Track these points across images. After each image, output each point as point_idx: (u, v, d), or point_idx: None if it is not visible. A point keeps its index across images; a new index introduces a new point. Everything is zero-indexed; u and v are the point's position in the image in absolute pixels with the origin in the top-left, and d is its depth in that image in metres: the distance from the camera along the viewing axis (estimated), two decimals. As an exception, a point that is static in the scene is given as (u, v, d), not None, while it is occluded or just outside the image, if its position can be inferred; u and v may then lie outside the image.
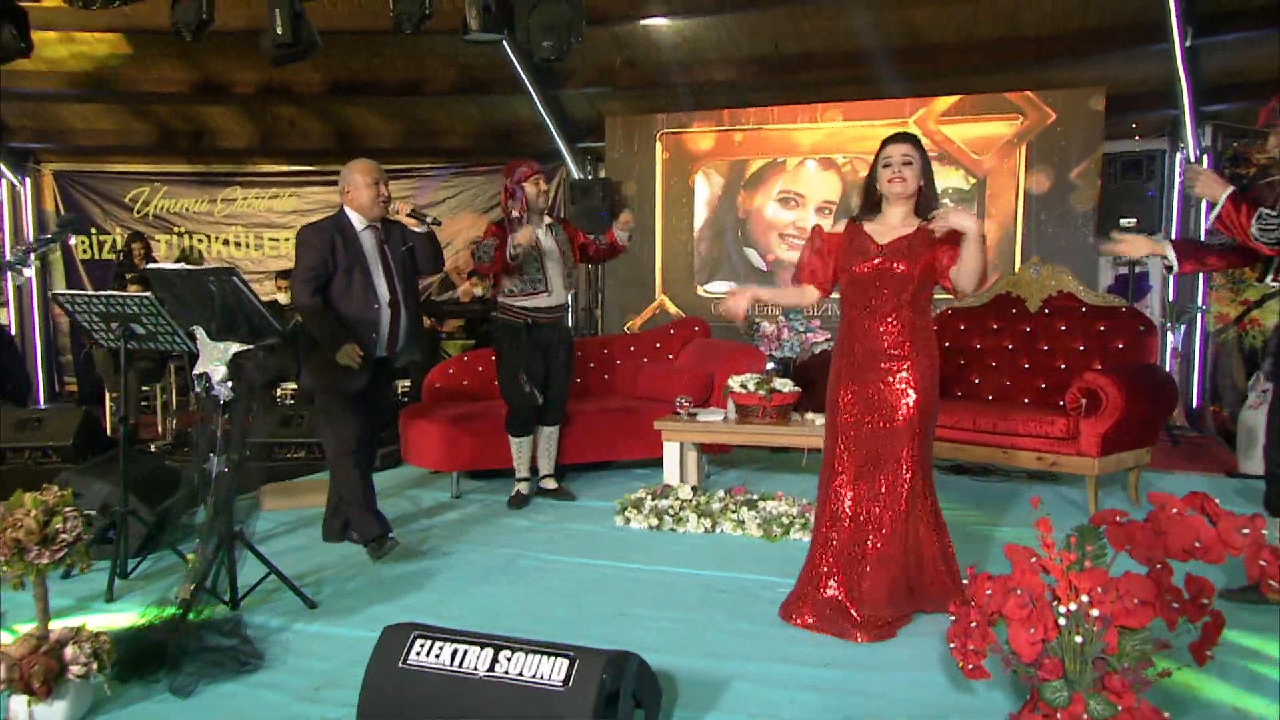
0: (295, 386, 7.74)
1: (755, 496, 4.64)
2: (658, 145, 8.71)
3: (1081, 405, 4.64)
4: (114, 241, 9.64)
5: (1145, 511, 2.18)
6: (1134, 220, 7.32)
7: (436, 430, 5.21)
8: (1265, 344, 7.52)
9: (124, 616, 3.39)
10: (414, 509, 5.06)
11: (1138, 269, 7.82)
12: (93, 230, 9.74)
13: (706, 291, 8.71)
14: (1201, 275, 7.78)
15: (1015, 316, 5.60)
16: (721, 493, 4.74)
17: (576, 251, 4.98)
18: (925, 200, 3.30)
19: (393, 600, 3.57)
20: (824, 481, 3.40)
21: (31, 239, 7.71)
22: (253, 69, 8.10)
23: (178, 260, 9.67)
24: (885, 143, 3.34)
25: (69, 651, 2.62)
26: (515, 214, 4.68)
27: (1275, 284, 3.51)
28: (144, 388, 7.58)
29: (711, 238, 8.71)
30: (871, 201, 3.39)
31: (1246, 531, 2.04)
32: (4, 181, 9.58)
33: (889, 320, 3.25)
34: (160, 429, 7.62)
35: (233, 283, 3.28)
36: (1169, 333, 8.03)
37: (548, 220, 4.86)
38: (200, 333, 3.41)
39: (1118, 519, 2.15)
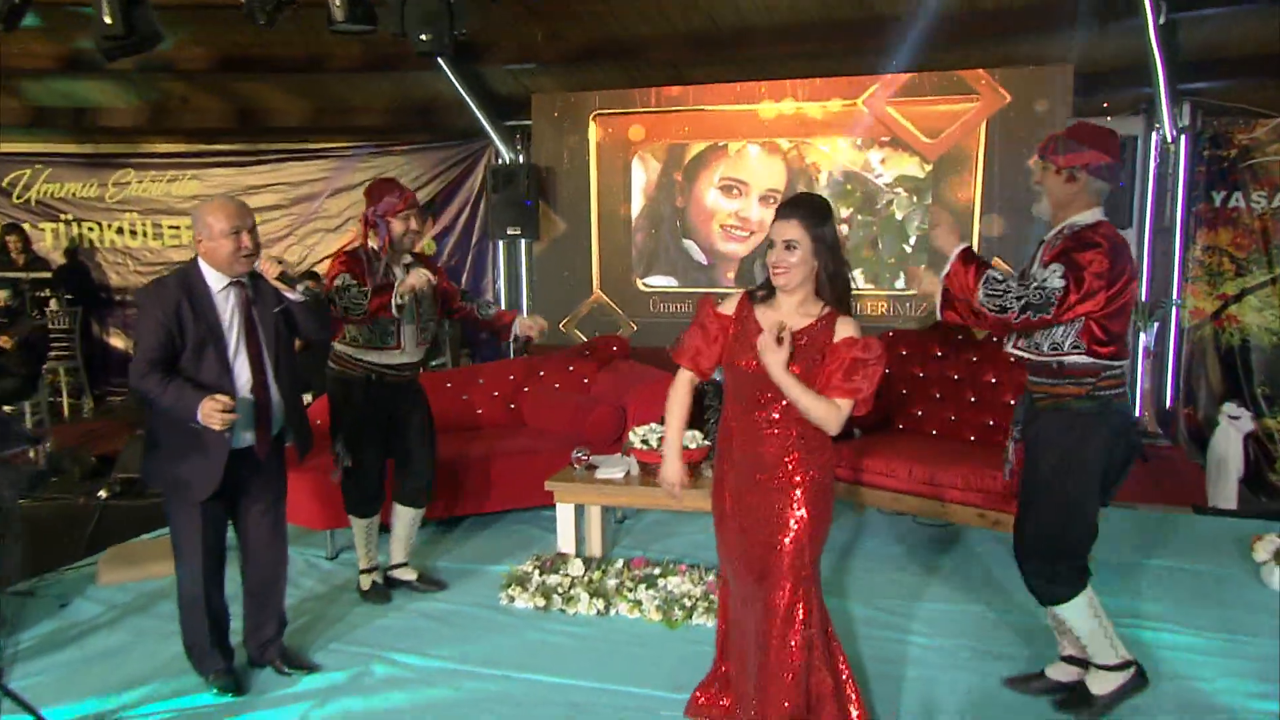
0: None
1: (656, 571, 4.19)
2: (591, 126, 8.14)
3: (1027, 459, 4.21)
4: (-7, 232, 9.00)
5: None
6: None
7: (309, 482, 4.65)
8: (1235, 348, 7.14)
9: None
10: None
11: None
12: (-32, 220, 9.10)
13: (646, 285, 8.21)
14: (1177, 266, 7.40)
15: (961, 344, 5.15)
16: (620, 563, 4.28)
17: (439, 300, 4.27)
18: (827, 284, 2.72)
19: (199, 740, 3.11)
20: (721, 590, 3.08)
21: None
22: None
23: (66, 251, 9.08)
24: (776, 213, 2.76)
25: None
26: (374, 246, 4.02)
27: (1015, 351, 3.17)
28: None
29: (649, 227, 8.19)
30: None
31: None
32: None
33: (775, 423, 2.75)
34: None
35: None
36: (1140, 332, 7.63)
37: (408, 259, 4.17)
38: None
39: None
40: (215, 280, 3.25)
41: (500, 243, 8.74)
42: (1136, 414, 7.60)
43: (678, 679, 3.39)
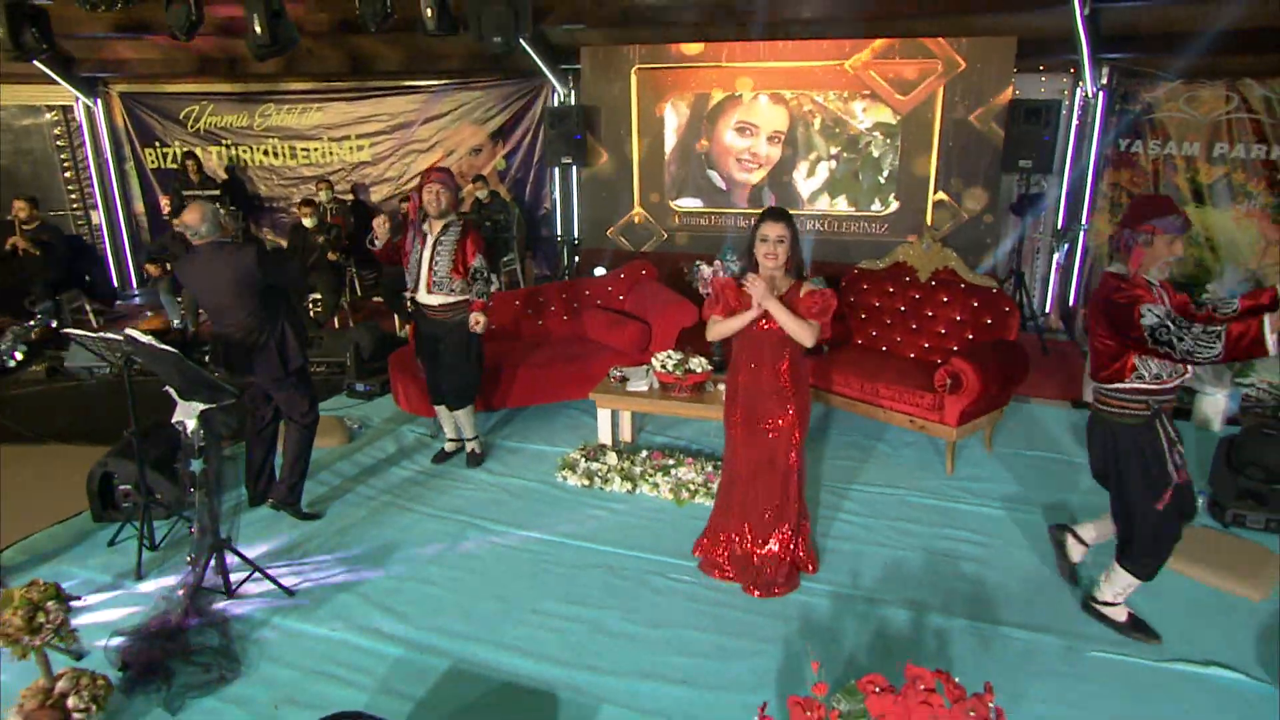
0: (319, 296, 7.53)
1: (670, 461, 4.54)
2: (632, 78, 8.01)
3: (947, 384, 4.44)
4: (174, 153, 9.17)
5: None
6: (1030, 161, 6.82)
7: (416, 387, 4.99)
8: None
9: (148, 593, 3.43)
10: (395, 448, 5.02)
11: (1032, 189, 7.35)
12: (157, 143, 9.25)
13: (676, 205, 8.27)
14: (1088, 198, 7.33)
15: (908, 284, 5.28)
16: (644, 453, 4.64)
17: (467, 253, 4.23)
18: (793, 266, 3.23)
19: (355, 588, 3.54)
20: (724, 480, 3.53)
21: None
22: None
23: (227, 169, 9.22)
24: (762, 219, 3.18)
25: (71, 701, 2.66)
26: (409, 216, 4.19)
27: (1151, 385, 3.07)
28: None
29: (680, 160, 8.17)
30: (753, 262, 3.26)
31: (973, 713, 1.96)
32: (80, 103, 9.04)
33: (773, 367, 3.25)
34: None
35: (185, 363, 3.05)
36: (1055, 250, 7.66)
37: (447, 219, 4.21)
38: (171, 390, 3.22)
39: (877, 688, 2.06)
40: None
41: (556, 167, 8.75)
42: (1046, 311, 7.74)
43: (682, 548, 3.81)
